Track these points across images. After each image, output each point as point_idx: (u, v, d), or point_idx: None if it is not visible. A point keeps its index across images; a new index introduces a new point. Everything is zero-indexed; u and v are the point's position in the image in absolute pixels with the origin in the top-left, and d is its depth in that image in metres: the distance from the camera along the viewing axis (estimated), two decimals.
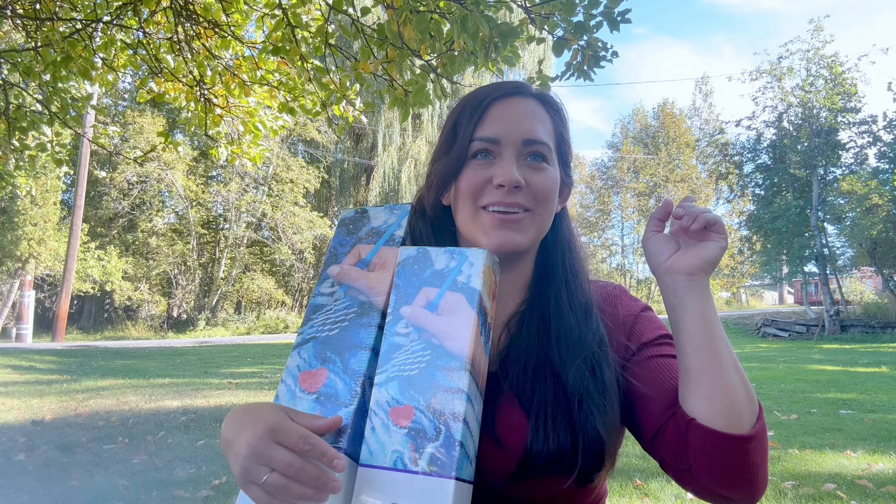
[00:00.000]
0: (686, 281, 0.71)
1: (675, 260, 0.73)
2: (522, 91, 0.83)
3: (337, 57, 3.18)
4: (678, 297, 0.72)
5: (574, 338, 0.77)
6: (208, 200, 22.37)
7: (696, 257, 0.72)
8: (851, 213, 17.95)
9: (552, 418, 0.70)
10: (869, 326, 15.90)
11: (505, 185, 0.76)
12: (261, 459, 0.58)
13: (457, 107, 0.85)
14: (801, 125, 19.11)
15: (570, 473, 0.69)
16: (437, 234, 0.84)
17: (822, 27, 18.73)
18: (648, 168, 31.81)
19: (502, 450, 0.70)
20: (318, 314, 0.73)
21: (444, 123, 0.87)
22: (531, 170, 0.79)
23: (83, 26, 3.23)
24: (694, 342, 0.69)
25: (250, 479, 0.58)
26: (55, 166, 3.82)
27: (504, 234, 0.77)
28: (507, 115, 0.80)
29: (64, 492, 3.35)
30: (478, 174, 0.79)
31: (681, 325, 0.71)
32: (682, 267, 0.72)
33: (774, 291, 36.19)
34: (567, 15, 2.33)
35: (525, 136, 0.79)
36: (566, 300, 0.81)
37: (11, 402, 6.14)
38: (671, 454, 0.70)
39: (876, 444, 4.33)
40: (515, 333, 0.79)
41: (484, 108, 0.80)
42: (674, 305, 0.72)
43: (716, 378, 0.67)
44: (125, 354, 12.07)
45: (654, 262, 0.75)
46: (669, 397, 0.73)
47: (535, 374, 0.75)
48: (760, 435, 0.66)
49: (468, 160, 0.80)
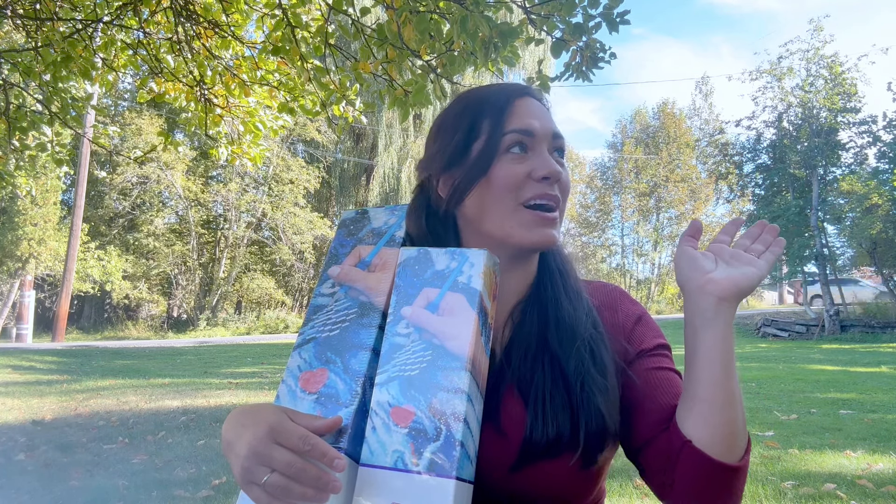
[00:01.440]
0: (716, 304, 0.69)
1: (710, 280, 0.70)
2: (529, 92, 0.84)
3: (337, 57, 3.18)
4: (703, 319, 0.70)
5: (570, 321, 0.78)
6: (208, 200, 22.37)
7: (731, 282, 0.69)
8: (851, 213, 17.96)
9: (550, 403, 0.71)
10: (869, 326, 15.90)
11: (550, 178, 0.77)
12: (261, 460, 0.58)
13: (471, 107, 0.82)
14: (801, 125, 19.11)
15: (571, 454, 0.69)
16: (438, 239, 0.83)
17: (822, 27, 18.73)
18: (649, 168, 31.81)
19: (504, 439, 0.70)
20: (318, 315, 0.73)
21: (448, 127, 0.83)
22: (559, 164, 0.80)
23: (83, 26, 3.23)
24: (711, 374, 0.69)
25: (251, 479, 0.58)
26: (55, 166, 3.82)
27: (546, 231, 0.77)
28: (533, 111, 0.80)
29: (64, 492, 3.35)
30: (515, 168, 0.77)
31: (699, 350, 0.70)
32: (716, 289, 0.70)
33: (774, 291, 36.17)
34: (567, 15, 2.33)
35: (553, 130, 0.80)
36: (560, 285, 0.82)
37: (11, 402, 6.14)
38: (656, 467, 0.72)
39: (876, 444, 4.33)
40: (518, 324, 0.80)
41: (509, 103, 0.80)
42: (696, 327, 0.71)
43: (724, 411, 0.68)
44: (125, 354, 12.07)
45: (687, 278, 0.73)
46: (665, 412, 0.74)
47: (535, 360, 0.76)
48: (746, 467, 0.69)
49: (500, 154, 0.78)
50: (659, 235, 32.10)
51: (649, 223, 32.71)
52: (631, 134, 33.79)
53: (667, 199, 31.62)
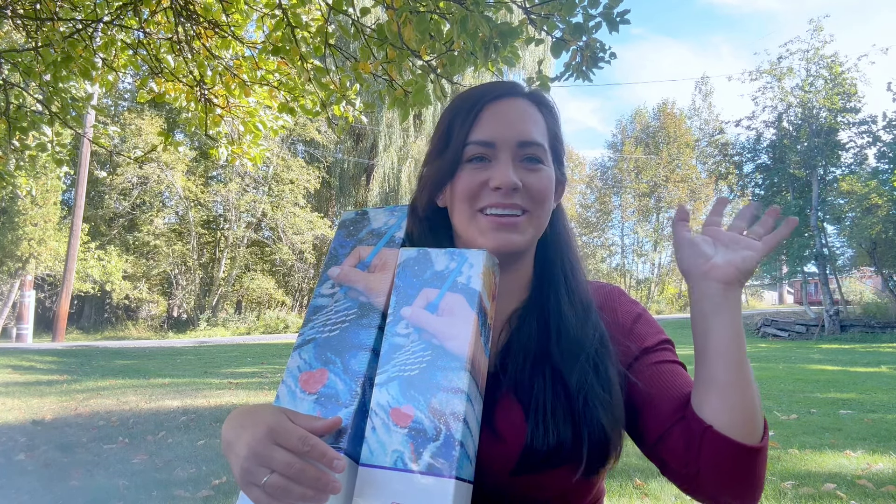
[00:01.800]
0: (723, 289, 0.71)
1: (713, 266, 0.71)
2: (515, 91, 0.83)
3: (337, 57, 3.18)
4: (712, 305, 0.71)
5: (574, 334, 0.77)
6: (208, 200, 22.37)
7: (733, 266, 0.71)
8: (851, 213, 17.96)
9: (552, 412, 0.71)
10: (868, 326, 15.91)
11: (502, 188, 0.76)
12: (260, 461, 0.58)
13: (449, 108, 0.84)
14: (800, 125, 19.11)
15: (574, 467, 0.69)
16: (435, 234, 0.84)
17: (822, 27, 18.74)
18: (649, 168, 31.81)
19: (502, 445, 0.70)
20: (318, 315, 0.73)
21: (436, 125, 0.86)
22: (527, 171, 0.79)
23: (83, 26, 3.23)
24: (727, 356, 0.70)
25: (250, 480, 0.58)
26: (55, 166, 3.82)
27: (502, 235, 0.77)
28: (501, 117, 0.79)
29: (64, 492, 3.35)
30: (473, 177, 0.78)
31: (711, 334, 0.71)
32: (720, 275, 0.71)
33: (774, 291, 36.20)
34: (567, 15, 2.33)
35: (520, 138, 0.79)
36: (566, 297, 0.81)
37: (11, 402, 6.14)
38: (676, 458, 0.72)
39: (876, 444, 4.33)
40: (516, 330, 0.80)
41: (477, 110, 0.80)
42: (705, 313, 0.72)
43: (741, 392, 0.69)
44: (125, 354, 12.07)
45: (690, 265, 0.74)
46: (675, 403, 0.74)
47: (534, 369, 0.75)
48: (766, 448, 0.70)
49: (463, 164, 0.79)
50: (659, 235, 32.11)
51: (649, 223, 32.74)
52: (631, 134, 33.80)
53: (667, 199, 31.63)
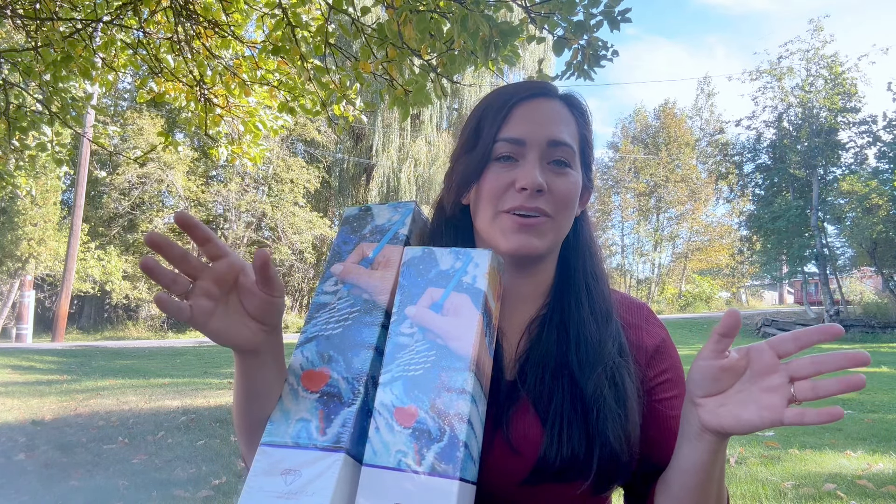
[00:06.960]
0: (700, 429, 0.64)
1: (707, 401, 0.63)
2: (548, 92, 0.81)
3: (337, 57, 3.18)
4: (686, 433, 0.67)
5: (594, 344, 0.76)
6: (208, 200, 22.34)
7: (735, 419, 0.60)
8: (851, 213, 17.95)
9: (567, 426, 0.69)
10: (869, 326, 15.90)
11: (528, 189, 0.74)
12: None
13: (479, 105, 0.83)
14: (800, 125, 19.12)
15: (583, 481, 0.68)
16: (457, 233, 0.83)
17: (822, 27, 18.75)
18: (649, 168, 31.80)
19: (516, 455, 0.69)
20: (321, 312, 0.73)
21: (465, 122, 0.84)
22: (554, 174, 0.77)
23: (83, 26, 3.23)
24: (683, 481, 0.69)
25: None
26: (55, 166, 3.82)
27: (523, 237, 0.75)
28: (533, 117, 0.78)
29: (64, 492, 3.34)
30: (500, 177, 0.77)
31: (679, 454, 0.69)
32: (704, 416, 0.62)
33: (774, 291, 36.20)
34: (567, 14, 2.32)
35: (550, 138, 0.77)
36: (587, 306, 0.79)
37: (11, 402, 6.14)
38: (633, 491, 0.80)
39: (876, 444, 4.33)
40: (535, 338, 0.78)
41: (509, 108, 0.78)
42: (681, 434, 0.68)
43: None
44: (125, 354, 12.06)
45: (692, 384, 0.64)
46: (655, 468, 0.77)
47: (553, 380, 0.73)
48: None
49: (491, 162, 0.78)
50: (659, 235, 32.11)
51: (649, 223, 32.72)
52: (631, 133, 33.80)
53: (667, 199, 31.62)
